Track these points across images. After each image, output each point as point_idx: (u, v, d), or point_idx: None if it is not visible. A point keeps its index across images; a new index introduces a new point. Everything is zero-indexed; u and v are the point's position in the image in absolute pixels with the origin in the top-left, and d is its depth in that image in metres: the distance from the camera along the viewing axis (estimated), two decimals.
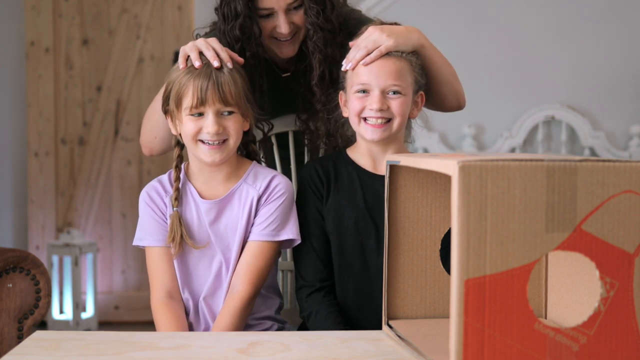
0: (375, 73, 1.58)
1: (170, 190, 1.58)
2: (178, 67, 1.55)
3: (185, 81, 1.51)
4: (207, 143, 1.52)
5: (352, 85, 1.61)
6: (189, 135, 1.52)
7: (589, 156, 1.79)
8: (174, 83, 1.53)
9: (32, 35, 3.93)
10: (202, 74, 1.51)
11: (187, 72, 1.52)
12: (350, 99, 1.62)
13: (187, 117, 1.52)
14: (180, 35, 3.96)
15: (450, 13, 3.95)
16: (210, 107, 1.50)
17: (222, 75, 1.52)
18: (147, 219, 1.59)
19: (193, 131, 1.52)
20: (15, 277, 1.80)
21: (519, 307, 0.96)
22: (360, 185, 1.64)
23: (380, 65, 1.59)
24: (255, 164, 1.63)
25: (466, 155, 1.06)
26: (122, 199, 4.00)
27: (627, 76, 4.01)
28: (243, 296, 1.52)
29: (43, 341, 1.18)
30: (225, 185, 1.59)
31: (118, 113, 3.99)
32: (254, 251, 1.56)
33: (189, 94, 1.50)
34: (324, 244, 1.63)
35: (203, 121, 1.51)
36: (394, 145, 1.64)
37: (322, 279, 1.62)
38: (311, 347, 1.18)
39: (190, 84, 1.50)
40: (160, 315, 1.53)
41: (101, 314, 3.94)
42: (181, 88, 1.51)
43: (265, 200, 1.57)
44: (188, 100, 1.51)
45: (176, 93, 1.52)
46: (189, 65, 1.53)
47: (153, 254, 1.58)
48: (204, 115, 1.51)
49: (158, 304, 1.55)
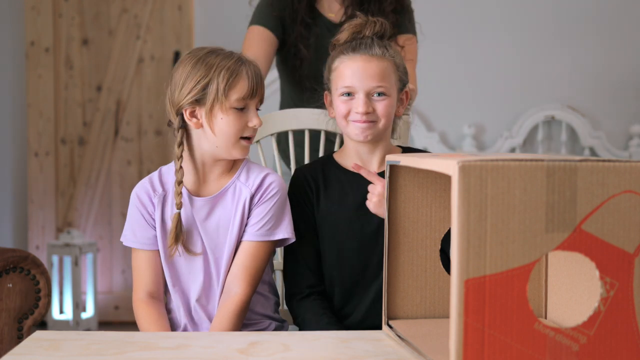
0: (360, 75, 1.58)
1: (159, 190, 1.58)
2: (204, 63, 1.53)
3: (237, 74, 1.52)
4: (247, 139, 1.56)
5: (337, 88, 1.61)
6: (233, 130, 1.53)
7: (589, 156, 1.79)
8: (213, 76, 1.51)
9: (32, 35, 3.93)
10: (250, 68, 1.54)
11: (234, 62, 1.53)
12: (336, 102, 1.62)
13: (232, 110, 1.52)
14: (180, 35, 3.96)
15: (451, 13, 3.95)
16: (254, 101, 1.55)
17: (257, 69, 1.57)
18: (134, 220, 1.58)
19: (239, 126, 1.53)
20: (15, 277, 1.80)
21: (519, 307, 0.96)
22: (350, 188, 1.64)
23: (363, 67, 1.58)
24: (247, 161, 1.62)
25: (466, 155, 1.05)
26: (122, 199, 4.00)
27: (627, 76, 4.01)
28: (241, 298, 1.52)
29: (43, 341, 1.18)
30: (218, 183, 1.58)
31: (118, 113, 3.99)
32: (249, 252, 1.55)
33: (241, 86, 1.52)
34: (312, 253, 1.64)
35: (245, 116, 1.53)
36: (381, 144, 1.64)
37: (311, 285, 1.63)
38: (311, 347, 1.18)
39: (243, 76, 1.52)
40: (141, 312, 1.55)
41: (101, 314, 3.94)
42: (231, 80, 1.51)
43: (259, 200, 1.56)
44: (239, 92, 1.52)
45: (225, 85, 1.51)
46: None
47: (137, 256, 1.58)
48: (245, 110, 1.54)
49: (139, 303, 1.56)
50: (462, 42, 3.93)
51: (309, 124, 1.89)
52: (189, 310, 1.58)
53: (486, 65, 3.97)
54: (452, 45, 3.88)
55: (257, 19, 2.12)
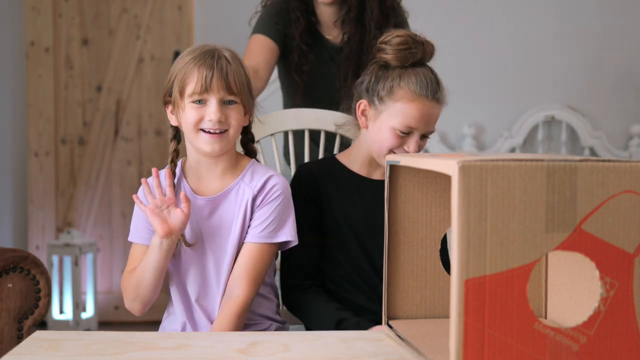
0: (425, 120, 1.59)
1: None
2: (182, 58, 1.54)
3: (191, 68, 1.51)
4: (208, 132, 1.51)
5: (394, 119, 1.59)
6: (190, 123, 1.52)
7: (589, 156, 1.79)
8: (178, 71, 1.53)
9: (32, 35, 3.93)
10: (207, 62, 1.51)
11: (192, 60, 1.52)
12: (389, 132, 1.60)
13: (189, 104, 1.51)
14: (180, 35, 3.96)
15: (452, 13, 3.95)
16: (214, 94, 1.50)
17: (228, 64, 1.52)
18: (136, 215, 1.60)
19: (195, 119, 1.51)
20: (15, 277, 1.80)
21: (519, 307, 0.96)
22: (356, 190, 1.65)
23: (429, 114, 1.60)
24: (254, 162, 1.62)
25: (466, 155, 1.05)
26: (122, 199, 4.00)
27: (627, 76, 4.01)
28: (242, 300, 1.51)
29: (43, 341, 1.18)
30: (221, 182, 1.58)
31: (118, 113, 3.99)
32: (251, 253, 1.55)
33: (193, 81, 1.50)
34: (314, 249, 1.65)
35: (205, 109, 1.51)
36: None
37: (312, 278, 1.65)
38: (311, 347, 1.18)
39: (195, 70, 1.50)
40: (129, 274, 1.55)
41: (101, 314, 3.94)
42: (186, 75, 1.51)
43: (262, 202, 1.55)
44: (192, 86, 1.50)
45: (181, 80, 1.51)
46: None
47: (135, 250, 1.59)
48: (207, 103, 1.51)
49: (126, 274, 1.57)
50: (462, 42, 3.93)
51: (309, 124, 1.89)
52: (189, 310, 1.58)
53: (486, 65, 3.97)
54: (452, 45, 3.88)
55: (260, 29, 2.13)
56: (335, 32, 2.18)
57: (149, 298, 1.54)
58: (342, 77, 2.14)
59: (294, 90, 2.20)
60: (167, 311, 1.63)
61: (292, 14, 2.13)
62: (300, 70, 2.15)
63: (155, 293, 1.54)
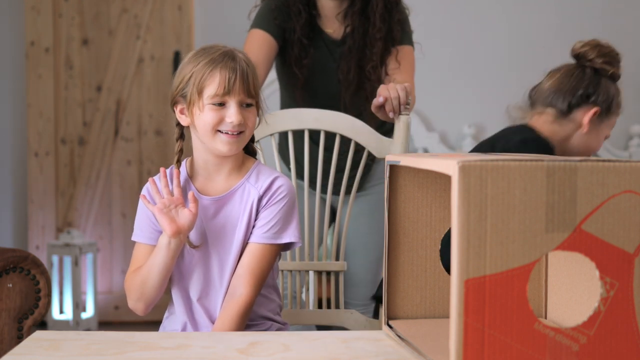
0: None
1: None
2: (196, 58, 1.53)
3: (211, 70, 1.50)
4: (227, 133, 1.51)
5: (610, 129, 2.03)
6: (209, 124, 1.51)
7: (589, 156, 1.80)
8: (196, 71, 1.51)
9: (32, 35, 3.93)
10: (229, 64, 1.50)
11: (211, 61, 1.51)
12: (603, 138, 2.01)
13: (208, 106, 1.50)
14: (180, 35, 3.96)
15: (451, 12, 3.95)
16: (234, 97, 1.50)
17: (247, 67, 1.52)
18: (140, 214, 1.60)
19: (214, 121, 1.50)
20: (15, 277, 1.80)
21: (519, 307, 0.96)
22: None
23: None
24: (259, 163, 1.62)
25: (466, 155, 1.05)
26: (122, 199, 4.00)
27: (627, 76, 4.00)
28: (245, 300, 1.51)
29: (43, 341, 1.18)
30: (227, 182, 1.58)
31: (118, 113, 3.99)
32: (254, 253, 1.55)
33: (214, 82, 1.49)
34: None
35: (225, 111, 1.51)
36: None
37: None
38: (311, 347, 1.18)
39: (216, 72, 1.49)
40: (132, 273, 1.55)
41: (101, 314, 3.94)
42: (206, 76, 1.50)
43: (267, 202, 1.56)
44: (212, 88, 1.49)
45: (200, 81, 1.50)
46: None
47: (139, 249, 1.59)
48: (226, 105, 1.51)
49: (130, 274, 1.56)
50: (462, 42, 3.93)
51: (309, 124, 1.89)
52: (190, 310, 1.58)
53: (486, 65, 3.97)
54: (452, 45, 3.88)
55: (259, 23, 2.13)
56: (335, 26, 2.19)
57: (154, 298, 1.54)
58: (344, 70, 2.15)
59: (294, 84, 2.20)
60: (168, 311, 1.63)
61: (293, 7, 2.13)
62: (300, 64, 2.15)
63: (160, 293, 1.54)
